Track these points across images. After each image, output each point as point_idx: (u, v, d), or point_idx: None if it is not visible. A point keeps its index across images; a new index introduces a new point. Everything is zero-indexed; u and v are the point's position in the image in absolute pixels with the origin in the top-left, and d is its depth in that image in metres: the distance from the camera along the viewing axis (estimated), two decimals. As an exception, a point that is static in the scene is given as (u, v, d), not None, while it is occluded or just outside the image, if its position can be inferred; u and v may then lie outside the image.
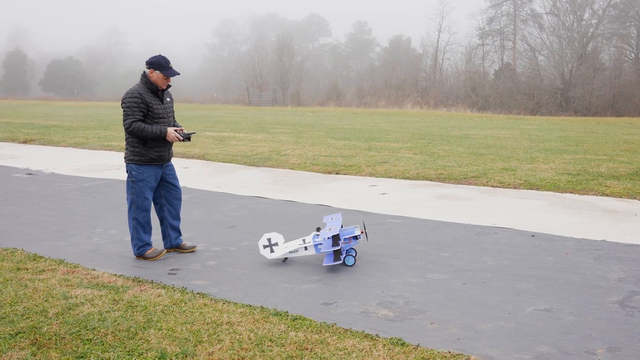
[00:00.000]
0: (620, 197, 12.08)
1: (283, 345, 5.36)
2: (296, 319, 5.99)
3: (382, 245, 8.74)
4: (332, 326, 5.81)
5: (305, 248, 7.94)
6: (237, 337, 5.53)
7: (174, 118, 8.30)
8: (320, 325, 5.81)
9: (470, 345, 5.42)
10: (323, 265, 7.59)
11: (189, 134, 8.09)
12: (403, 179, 14.68)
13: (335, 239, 7.68)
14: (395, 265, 7.85)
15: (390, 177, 14.94)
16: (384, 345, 5.39)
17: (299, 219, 10.43)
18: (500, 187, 13.35)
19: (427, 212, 10.93)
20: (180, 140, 7.99)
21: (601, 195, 12.25)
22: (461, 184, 13.88)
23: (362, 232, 8.04)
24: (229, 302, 6.46)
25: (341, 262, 7.55)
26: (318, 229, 8.12)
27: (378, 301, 6.55)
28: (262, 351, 5.25)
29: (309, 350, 5.27)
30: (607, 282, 7.09)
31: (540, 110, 59.29)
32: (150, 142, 7.94)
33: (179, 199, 8.47)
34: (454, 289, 6.92)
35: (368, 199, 12.22)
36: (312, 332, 5.66)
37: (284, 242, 8.07)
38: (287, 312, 6.16)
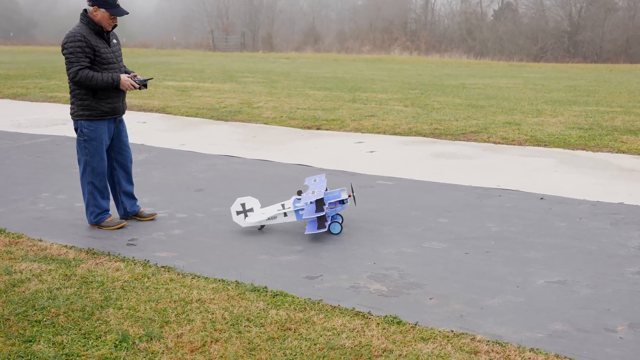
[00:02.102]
0: (639, 154, 12.14)
1: (262, 326, 5.32)
2: (277, 295, 5.95)
3: (372, 211, 8.70)
4: (318, 303, 5.78)
5: (285, 214, 7.88)
6: (210, 316, 5.48)
7: (123, 63, 8.10)
8: (305, 302, 5.78)
9: (475, 323, 5.42)
10: (305, 233, 7.56)
11: (144, 80, 7.92)
12: (393, 134, 14.62)
13: (319, 203, 7.63)
14: (387, 233, 7.82)
15: (378, 132, 14.87)
16: (378, 323, 5.37)
17: (275, 181, 10.35)
18: (503, 143, 13.36)
19: (422, 172, 10.90)
20: (135, 88, 7.80)
21: (617, 152, 12.31)
22: (459, 140, 13.86)
23: (349, 196, 7.99)
24: (198, 277, 6.39)
25: (326, 229, 7.52)
26: (299, 193, 8.05)
27: (369, 274, 6.52)
28: (239, 332, 5.20)
29: (293, 330, 5.23)
30: (626, 250, 7.13)
31: (545, 57, 59.41)
32: (100, 93, 7.71)
33: (131, 161, 8.33)
34: (454, 260, 6.92)
35: (354, 158, 12.15)
36: (296, 310, 5.63)
37: (261, 208, 8.00)
38: (265, 287, 6.11)
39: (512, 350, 4.90)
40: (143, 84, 7.91)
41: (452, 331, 5.25)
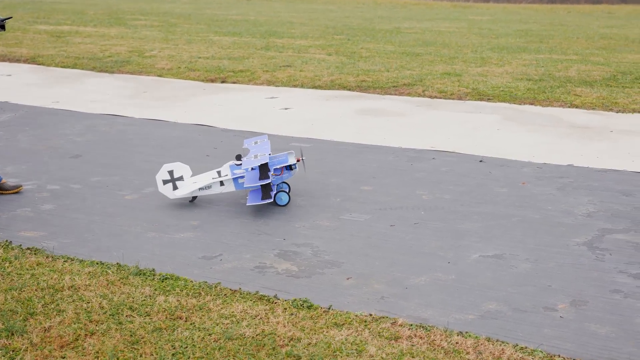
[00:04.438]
0: (594, 108, 12.58)
1: (148, 315, 5.36)
2: (166, 279, 5.99)
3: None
4: (216, 287, 5.85)
5: (222, 183, 7.88)
6: (85, 305, 5.48)
7: None
8: (199, 286, 5.84)
9: (397, 305, 5.59)
10: (247, 205, 7.61)
11: (2, 20, 7.80)
12: (312, 88, 14.70)
13: (264, 169, 7.63)
14: (301, 203, 7.92)
15: (295, 85, 14.91)
16: (285, 309, 5.48)
17: (171, 145, 10.32)
18: (440, 97, 13.61)
19: (345, 132, 11.03)
20: None
21: (569, 107, 12.71)
22: (390, 94, 14.04)
23: (297, 160, 8.04)
24: (72, 260, 6.37)
25: (271, 200, 7.59)
26: (238, 157, 8.04)
27: (277, 252, 6.62)
28: (120, 323, 5.23)
29: (184, 319, 5.29)
30: (573, 219, 7.44)
31: (496, -4, 60.23)
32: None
33: None
34: (378, 233, 7.08)
35: (265, 116, 12.19)
36: (188, 295, 5.69)
37: (192, 176, 8.01)
38: (153, 270, 6.15)
39: (438, 334, 5.09)
40: (0, 25, 7.78)
41: (371, 315, 5.41)
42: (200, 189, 7.85)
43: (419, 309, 5.54)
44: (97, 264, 6.28)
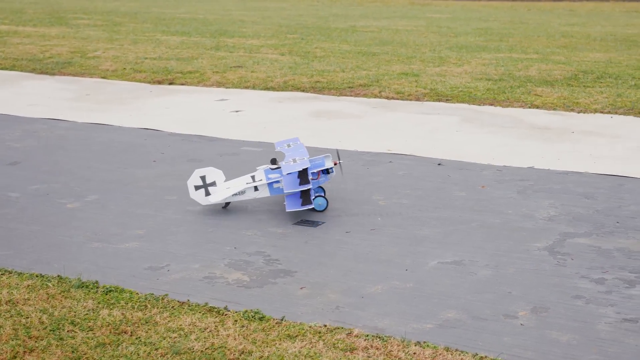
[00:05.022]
0: (555, 108, 12.74)
1: (91, 329, 5.30)
2: (110, 291, 5.93)
3: (235, 184, 8.77)
4: (163, 299, 5.81)
5: (256, 188, 7.91)
6: (23, 321, 5.40)
7: None
8: (145, 299, 5.79)
9: (353, 315, 5.59)
10: (287, 210, 7.61)
11: None
12: (265, 89, 14.67)
13: (304, 174, 7.62)
14: (253, 210, 7.90)
15: (247, 87, 14.89)
16: (236, 320, 5.46)
17: (115, 150, 10.23)
18: (397, 98, 13.67)
19: (298, 135, 10.98)
20: None
21: (530, 107, 12.85)
22: (345, 95, 14.08)
23: (335, 164, 8.07)
24: (10, 273, 6.29)
25: (312, 206, 7.62)
26: (273, 161, 8.08)
27: (228, 261, 6.59)
28: (61, 339, 5.17)
29: (129, 333, 5.25)
30: (533, 223, 7.52)
31: (455, -7, 60.67)
32: None
33: None
34: (333, 241, 7.09)
35: (215, 119, 12.14)
36: (134, 308, 5.63)
37: (225, 181, 8.01)
38: (96, 282, 6.08)
39: (395, 344, 5.11)
40: None
41: (325, 326, 5.41)
42: (234, 194, 7.87)
43: (375, 318, 5.55)
44: (37, 276, 6.20)
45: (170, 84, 15.34)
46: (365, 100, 13.63)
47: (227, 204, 8.00)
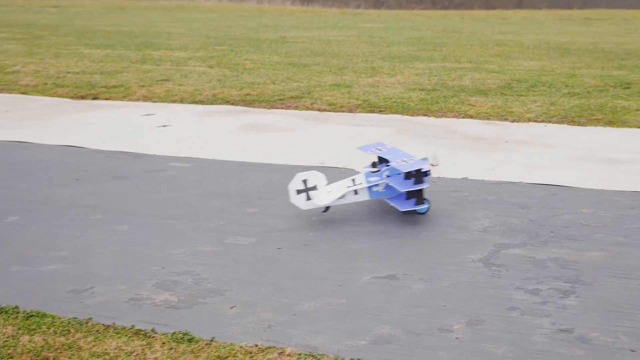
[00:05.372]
0: (488, 118, 12.94)
1: (11, 357, 5.21)
2: (31, 316, 5.84)
3: (162, 201, 8.71)
4: (87, 323, 5.73)
5: (355, 192, 8.03)
6: (-62, 350, 5.31)
7: None
8: (68, 323, 5.72)
9: (285, 334, 5.60)
10: (401, 210, 7.83)
11: None
12: (192, 103, 14.64)
13: (418, 175, 7.83)
14: (181, 228, 7.86)
15: (173, 101, 14.84)
16: (164, 343, 5.42)
17: (35, 169, 10.09)
18: (330, 110, 13.75)
19: (227, 150, 11.01)
20: None
21: (464, 117, 13.04)
22: (276, 108, 14.11)
23: (432, 166, 8.27)
24: None
25: (426, 205, 7.97)
26: (374, 164, 8.30)
27: (155, 282, 6.54)
28: (-22, 368, 5.08)
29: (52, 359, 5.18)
30: (468, 235, 7.61)
31: (387, 2, 61.40)
32: None
33: None
34: (264, 258, 7.08)
35: (141, 135, 12.06)
36: (56, 333, 5.55)
37: (326, 185, 8.04)
38: (16, 307, 5.98)
39: (328, 363, 5.13)
40: None
41: (257, 345, 5.40)
42: (336, 198, 7.94)
43: (308, 336, 5.56)
44: (-48, 303, 6.09)
45: (94, 98, 15.20)
46: (297, 112, 13.68)
47: (328, 207, 8.08)
